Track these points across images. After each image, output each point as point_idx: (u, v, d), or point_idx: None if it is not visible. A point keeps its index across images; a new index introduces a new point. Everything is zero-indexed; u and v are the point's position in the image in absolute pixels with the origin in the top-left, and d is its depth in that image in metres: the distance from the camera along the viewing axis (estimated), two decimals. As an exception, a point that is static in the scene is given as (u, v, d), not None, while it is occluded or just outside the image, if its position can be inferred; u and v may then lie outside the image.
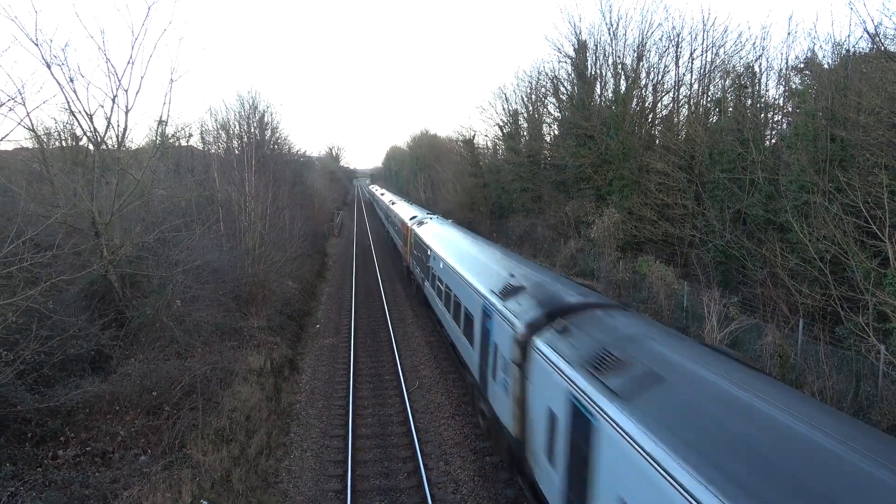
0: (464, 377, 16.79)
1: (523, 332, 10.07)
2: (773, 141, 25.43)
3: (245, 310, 21.66)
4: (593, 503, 7.09)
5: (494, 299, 12.35)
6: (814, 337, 15.47)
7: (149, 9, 15.88)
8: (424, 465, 13.09)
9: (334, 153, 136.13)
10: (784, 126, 25.92)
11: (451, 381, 18.23)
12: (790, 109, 24.86)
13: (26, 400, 11.27)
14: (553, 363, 8.66)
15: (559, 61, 40.44)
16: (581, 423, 7.50)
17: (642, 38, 33.66)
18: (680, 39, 32.17)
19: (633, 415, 6.41)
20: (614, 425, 6.56)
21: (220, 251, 21.70)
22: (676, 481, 5.32)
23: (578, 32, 37.16)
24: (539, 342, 9.40)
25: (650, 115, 34.97)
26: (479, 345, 13.50)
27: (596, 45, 36.51)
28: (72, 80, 15.33)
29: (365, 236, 61.29)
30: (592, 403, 7.18)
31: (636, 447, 6.06)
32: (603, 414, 6.86)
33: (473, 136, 56.43)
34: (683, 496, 5.18)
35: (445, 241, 22.08)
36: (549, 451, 8.75)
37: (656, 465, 5.67)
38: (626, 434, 6.29)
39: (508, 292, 12.05)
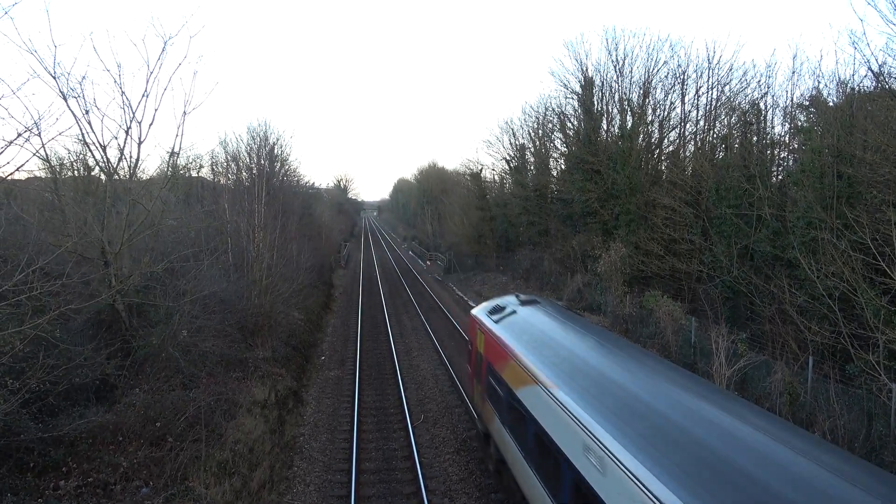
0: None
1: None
2: (780, 177, 25.45)
3: (250, 340, 21.64)
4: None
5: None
6: (824, 374, 15.26)
7: (164, 44, 16.25)
8: (429, 502, 12.88)
9: (342, 185, 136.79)
10: (790, 162, 25.97)
11: (456, 416, 18.04)
12: (796, 146, 24.96)
13: (30, 429, 11.23)
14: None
15: (566, 97, 40.94)
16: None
17: (648, 76, 34.16)
18: (686, 77, 32.56)
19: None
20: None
21: (228, 281, 21.78)
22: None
23: (585, 69, 37.76)
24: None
25: (656, 151, 35.16)
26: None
27: (602, 82, 37.02)
28: (87, 112, 15.60)
29: (371, 268, 61.41)
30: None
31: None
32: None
33: (481, 170, 57.05)
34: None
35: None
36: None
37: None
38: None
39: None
